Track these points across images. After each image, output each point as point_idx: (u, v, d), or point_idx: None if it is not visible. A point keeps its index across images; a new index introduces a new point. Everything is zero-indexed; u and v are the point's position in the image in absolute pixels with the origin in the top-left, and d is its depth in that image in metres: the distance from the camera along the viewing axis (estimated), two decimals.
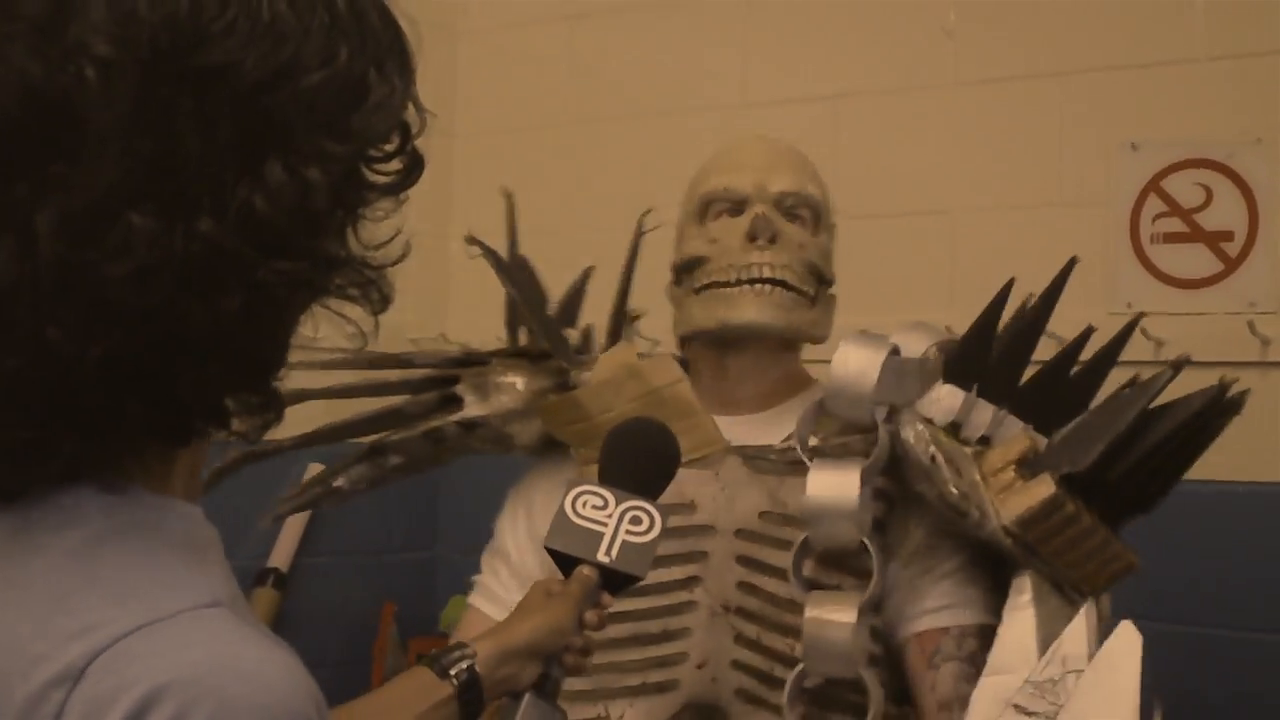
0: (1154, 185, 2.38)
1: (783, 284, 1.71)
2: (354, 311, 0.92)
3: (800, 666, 1.60)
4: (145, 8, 0.77)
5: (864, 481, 1.60)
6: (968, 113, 2.57)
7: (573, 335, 1.95)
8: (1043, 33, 2.52)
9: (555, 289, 2.00)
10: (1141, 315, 1.78)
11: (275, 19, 0.81)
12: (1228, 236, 2.33)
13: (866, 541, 1.60)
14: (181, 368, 0.82)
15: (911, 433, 1.62)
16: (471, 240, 1.84)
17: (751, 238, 1.72)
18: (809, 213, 1.77)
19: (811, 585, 1.63)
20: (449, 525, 3.05)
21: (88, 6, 0.77)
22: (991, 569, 1.65)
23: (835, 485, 1.59)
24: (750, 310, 1.70)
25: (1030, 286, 1.73)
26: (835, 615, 1.58)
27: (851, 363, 1.61)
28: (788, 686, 1.60)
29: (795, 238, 1.74)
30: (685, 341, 1.83)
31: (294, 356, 0.91)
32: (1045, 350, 1.71)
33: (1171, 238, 2.37)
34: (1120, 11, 2.45)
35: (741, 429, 1.75)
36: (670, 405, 1.69)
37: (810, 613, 1.59)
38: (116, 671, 0.77)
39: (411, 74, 0.91)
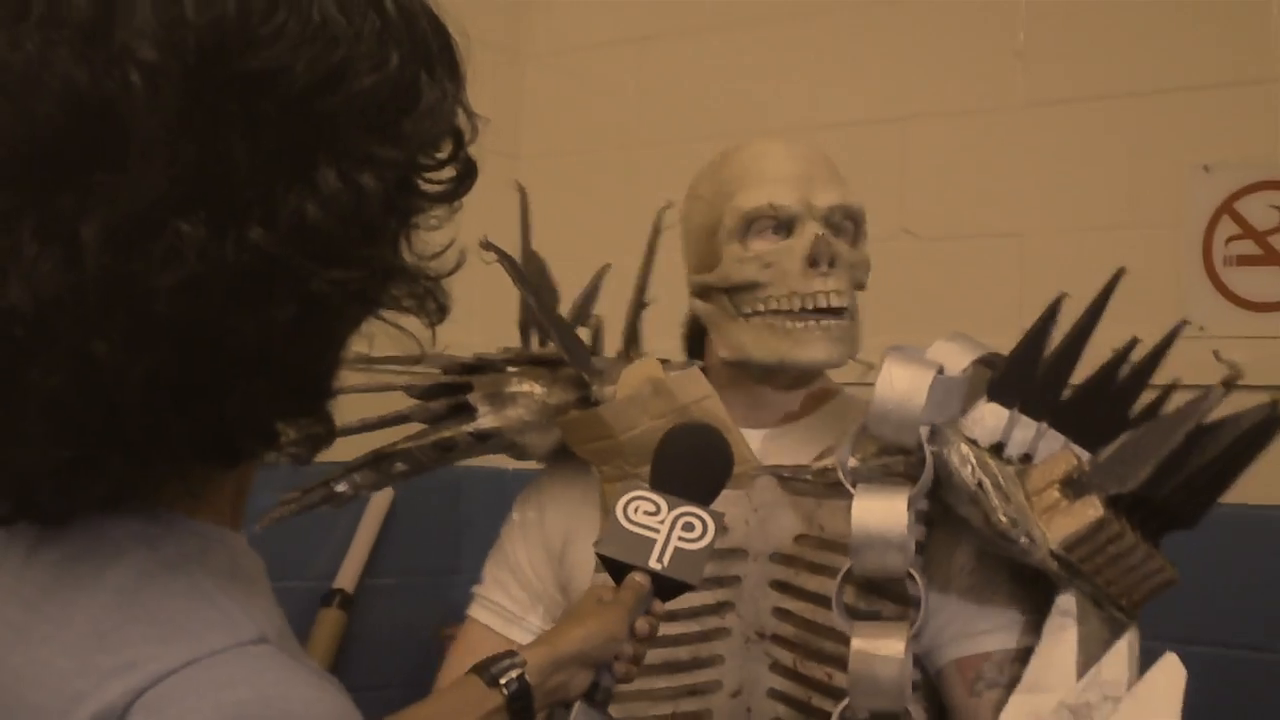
0: (1227, 207, 2.36)
1: (843, 312, 1.61)
2: (411, 324, 0.90)
3: (846, 701, 1.53)
4: (192, 11, 0.75)
5: (911, 507, 1.51)
6: (1037, 134, 2.56)
7: (583, 333, 1.87)
8: (1113, 54, 2.50)
9: (621, 309, 1.97)
10: (1183, 323, 1.65)
11: (326, 22, 0.79)
12: None
13: (913, 571, 1.52)
14: (230, 384, 0.80)
15: (956, 455, 1.53)
16: (486, 245, 1.78)
17: (813, 263, 1.59)
18: (852, 225, 1.65)
19: (851, 612, 1.56)
20: None
21: (133, 11, 0.74)
22: (1030, 589, 1.58)
23: (882, 512, 1.50)
24: (818, 349, 1.59)
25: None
26: (883, 649, 1.50)
27: (898, 383, 1.50)
28: None
29: (847, 257, 1.63)
30: (723, 361, 1.70)
31: None
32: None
33: (1245, 260, 2.34)
34: (1192, 32, 2.42)
35: (768, 444, 1.66)
36: None
37: (857, 645, 1.51)
38: (159, 711, 0.75)
39: (461, 79, 0.88)
